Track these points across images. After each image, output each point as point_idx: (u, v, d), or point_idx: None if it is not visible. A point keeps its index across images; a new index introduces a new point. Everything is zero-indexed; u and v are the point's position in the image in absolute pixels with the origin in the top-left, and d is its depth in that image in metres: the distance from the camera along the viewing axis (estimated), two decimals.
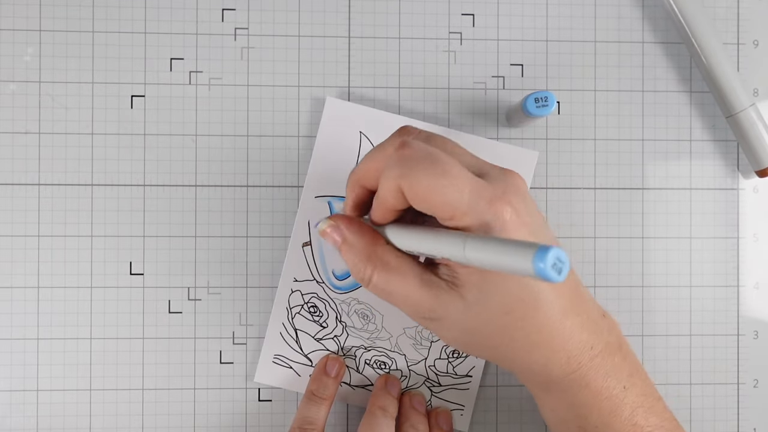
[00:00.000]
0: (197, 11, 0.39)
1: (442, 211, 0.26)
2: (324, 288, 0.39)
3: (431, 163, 0.26)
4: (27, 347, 0.38)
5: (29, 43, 0.39)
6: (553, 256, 0.21)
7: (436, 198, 0.26)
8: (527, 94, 0.36)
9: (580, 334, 0.28)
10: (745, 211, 0.41)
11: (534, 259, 0.21)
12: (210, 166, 0.39)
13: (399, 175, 0.26)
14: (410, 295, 0.29)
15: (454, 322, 0.28)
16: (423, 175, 0.26)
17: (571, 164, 0.41)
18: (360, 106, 0.39)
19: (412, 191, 0.26)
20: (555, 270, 0.21)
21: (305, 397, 0.37)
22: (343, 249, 0.30)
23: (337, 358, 0.38)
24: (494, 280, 0.27)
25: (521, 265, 0.21)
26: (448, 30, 0.40)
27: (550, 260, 0.21)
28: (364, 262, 0.29)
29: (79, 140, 0.39)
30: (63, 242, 0.39)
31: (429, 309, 0.28)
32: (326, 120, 0.39)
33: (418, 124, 0.39)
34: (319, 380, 0.38)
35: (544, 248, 0.21)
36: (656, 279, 0.41)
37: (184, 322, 0.39)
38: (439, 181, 0.26)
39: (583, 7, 0.41)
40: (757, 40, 0.41)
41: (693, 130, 0.41)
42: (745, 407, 0.41)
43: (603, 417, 0.30)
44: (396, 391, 0.38)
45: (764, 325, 0.41)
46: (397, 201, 0.27)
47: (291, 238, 0.39)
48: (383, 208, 0.29)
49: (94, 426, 0.39)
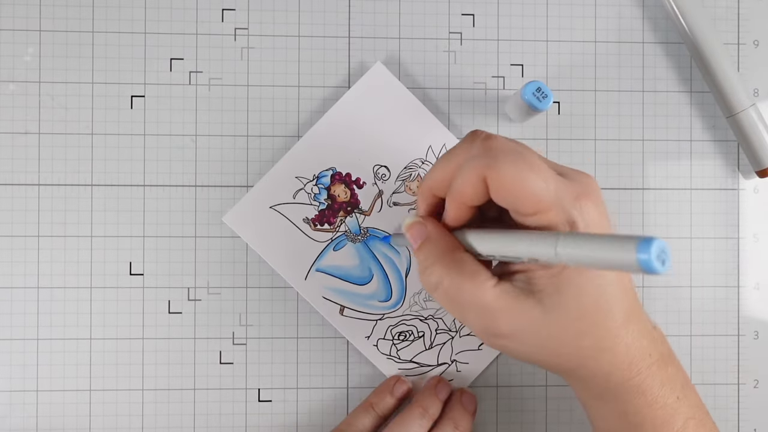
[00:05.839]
0: (197, 11, 0.39)
1: (526, 204, 0.26)
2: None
3: (519, 154, 0.26)
4: (27, 347, 0.38)
5: (29, 43, 0.39)
6: (658, 246, 0.20)
7: (523, 190, 0.25)
8: (525, 83, 0.36)
9: (641, 340, 0.28)
10: (746, 211, 0.41)
11: (638, 250, 0.20)
12: (210, 166, 0.39)
13: (485, 165, 0.26)
14: (483, 306, 0.28)
15: (529, 334, 0.28)
16: (510, 166, 0.26)
17: (571, 164, 0.40)
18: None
19: (499, 181, 0.26)
20: (659, 261, 0.20)
21: (363, 405, 0.38)
22: (424, 247, 0.29)
23: (405, 382, 0.38)
24: (569, 284, 0.27)
25: (624, 257, 0.21)
26: (448, 30, 0.40)
27: (654, 251, 0.20)
28: (439, 263, 0.28)
29: (79, 140, 0.39)
30: (63, 242, 0.39)
31: (502, 322, 0.27)
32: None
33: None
34: (382, 396, 0.38)
35: (648, 239, 0.20)
36: (656, 279, 0.41)
37: (184, 322, 0.39)
38: (527, 174, 0.25)
39: (583, 7, 0.41)
40: (757, 40, 0.41)
41: (693, 130, 0.41)
42: (745, 407, 0.41)
43: (656, 427, 0.29)
44: (444, 395, 0.38)
45: (764, 325, 0.41)
46: (476, 193, 0.27)
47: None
48: (458, 203, 0.28)
49: (94, 426, 0.39)
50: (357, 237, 0.39)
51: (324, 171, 0.39)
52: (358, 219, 0.39)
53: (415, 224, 0.30)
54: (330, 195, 0.39)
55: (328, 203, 0.39)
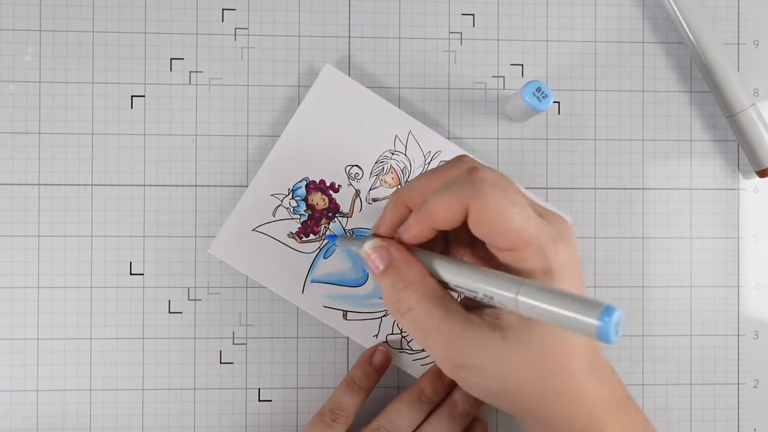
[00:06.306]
0: (197, 11, 0.39)
1: (505, 238, 0.26)
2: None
3: (504, 189, 0.26)
4: (27, 347, 0.38)
5: (29, 43, 0.39)
6: (618, 317, 0.20)
7: (504, 224, 0.26)
8: (525, 83, 0.36)
9: (602, 387, 0.28)
10: (746, 211, 0.41)
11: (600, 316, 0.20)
12: (210, 166, 0.39)
13: (470, 195, 0.26)
14: (449, 334, 0.27)
15: (490, 368, 0.28)
16: (494, 199, 0.26)
17: (571, 164, 0.41)
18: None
19: (481, 213, 0.26)
20: (615, 330, 0.21)
21: (344, 382, 0.37)
22: (390, 272, 0.29)
23: (385, 351, 0.38)
24: (535, 325, 0.27)
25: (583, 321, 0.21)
26: (448, 30, 0.40)
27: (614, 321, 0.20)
28: (409, 289, 0.28)
29: (79, 140, 0.39)
30: (63, 242, 0.39)
31: (465, 354, 0.28)
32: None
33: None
34: (363, 369, 0.37)
35: (610, 308, 0.20)
36: (656, 279, 0.41)
37: (184, 322, 0.39)
38: (509, 209, 0.26)
39: (583, 7, 0.41)
40: (757, 40, 0.41)
41: (693, 130, 0.41)
42: (745, 407, 0.41)
43: None
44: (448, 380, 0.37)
45: (764, 325, 0.41)
46: (449, 218, 0.27)
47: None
48: (424, 224, 0.28)
49: (94, 426, 0.39)
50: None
51: (298, 183, 0.39)
52: (341, 223, 0.39)
53: (378, 248, 0.30)
54: (309, 205, 0.39)
55: (308, 214, 0.39)
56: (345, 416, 0.36)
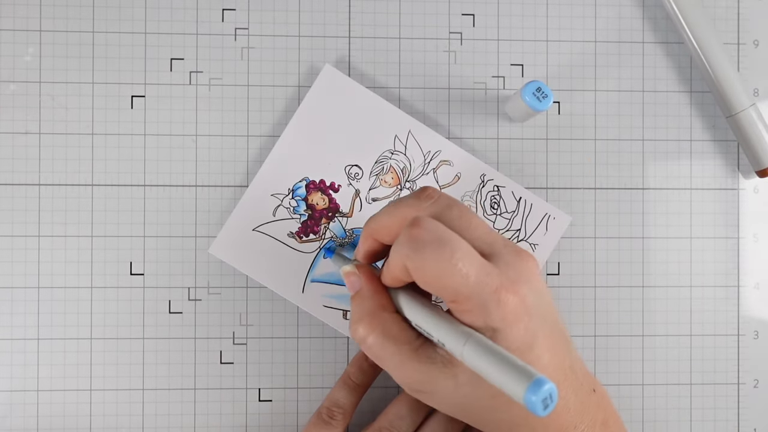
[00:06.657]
0: (197, 11, 0.39)
1: (444, 294, 0.26)
2: None
3: (439, 246, 0.26)
4: (27, 347, 0.38)
5: (29, 43, 0.39)
6: (546, 391, 0.21)
7: (440, 282, 0.26)
8: (525, 83, 0.36)
9: (565, 415, 0.28)
10: (745, 211, 0.41)
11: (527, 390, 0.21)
12: (210, 166, 0.39)
13: (406, 255, 0.27)
14: (402, 365, 0.28)
15: (443, 398, 0.28)
16: (429, 260, 0.26)
17: (571, 164, 0.41)
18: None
19: (418, 273, 0.27)
20: (543, 405, 0.21)
21: (341, 380, 0.37)
22: (354, 299, 0.30)
23: None
24: None
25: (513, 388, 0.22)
26: (448, 30, 0.40)
27: (541, 395, 0.21)
28: (366, 321, 0.29)
29: (79, 140, 0.39)
30: (63, 242, 0.39)
31: (418, 382, 0.28)
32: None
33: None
34: (358, 365, 0.37)
35: (539, 382, 0.21)
36: (656, 279, 0.41)
37: (184, 322, 0.39)
38: (445, 266, 0.26)
39: (583, 7, 0.41)
40: (757, 40, 0.41)
41: (693, 130, 0.41)
42: (745, 407, 0.41)
43: None
44: None
45: (764, 325, 0.41)
46: (403, 276, 0.28)
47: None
48: (392, 277, 0.29)
49: (94, 426, 0.39)
50: (344, 241, 0.39)
51: (298, 183, 0.39)
52: (341, 222, 0.39)
53: (350, 274, 0.31)
54: (309, 205, 0.39)
55: (308, 213, 0.39)
56: (341, 413, 0.36)
